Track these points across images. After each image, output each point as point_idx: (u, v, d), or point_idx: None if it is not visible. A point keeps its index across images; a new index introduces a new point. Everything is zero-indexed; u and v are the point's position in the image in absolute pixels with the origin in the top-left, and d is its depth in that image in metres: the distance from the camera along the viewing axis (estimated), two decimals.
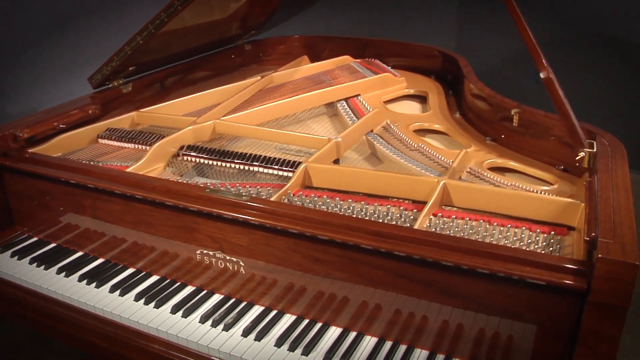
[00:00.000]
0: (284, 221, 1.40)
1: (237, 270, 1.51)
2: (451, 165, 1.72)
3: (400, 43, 2.84)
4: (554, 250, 1.35)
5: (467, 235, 1.42)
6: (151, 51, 2.19)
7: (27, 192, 1.81)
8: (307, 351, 1.35)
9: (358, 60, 2.76)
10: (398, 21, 4.21)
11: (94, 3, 3.17)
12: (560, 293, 1.18)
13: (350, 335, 1.41)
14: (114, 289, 1.59)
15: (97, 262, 1.73)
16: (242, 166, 1.80)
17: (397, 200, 1.61)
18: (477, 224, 1.46)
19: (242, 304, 1.52)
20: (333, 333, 1.42)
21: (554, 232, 1.42)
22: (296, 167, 1.69)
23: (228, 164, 1.82)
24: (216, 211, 1.46)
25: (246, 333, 1.41)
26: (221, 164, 1.83)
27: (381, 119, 2.14)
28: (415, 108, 2.46)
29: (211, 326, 1.45)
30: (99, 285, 1.62)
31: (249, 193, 1.62)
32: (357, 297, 1.38)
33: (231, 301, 1.53)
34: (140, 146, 1.97)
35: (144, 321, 1.48)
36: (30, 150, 1.84)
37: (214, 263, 1.54)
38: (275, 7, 2.75)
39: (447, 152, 1.89)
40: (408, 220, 1.48)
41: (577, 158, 1.57)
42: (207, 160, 1.85)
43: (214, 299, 1.55)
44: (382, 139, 1.98)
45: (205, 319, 1.47)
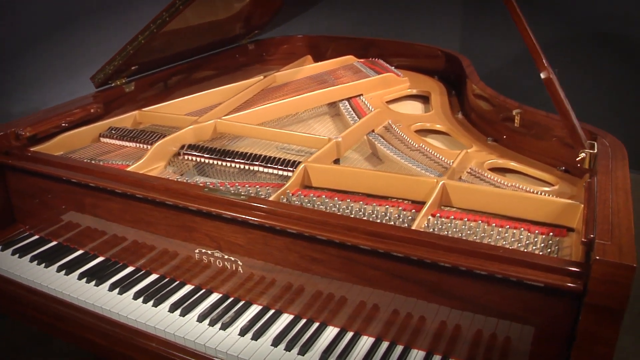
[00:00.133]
0: (281, 221, 1.39)
1: (235, 269, 1.51)
2: (451, 165, 1.71)
3: (404, 43, 2.83)
4: (552, 251, 1.34)
5: (465, 236, 1.41)
6: (153, 50, 2.20)
7: (28, 191, 1.82)
8: (303, 351, 1.35)
9: (361, 60, 2.75)
10: (402, 22, 4.20)
11: (96, 3, 3.18)
12: (556, 295, 1.17)
13: (347, 335, 1.40)
14: (113, 287, 1.60)
15: (97, 260, 1.73)
16: (242, 165, 1.80)
17: (396, 200, 1.60)
18: (475, 224, 1.46)
19: (240, 303, 1.52)
20: (330, 333, 1.41)
21: (552, 234, 1.41)
22: (296, 167, 1.69)
23: (228, 163, 1.82)
24: (214, 210, 1.46)
25: (243, 332, 1.41)
26: (221, 163, 1.84)
27: (383, 119, 2.13)
28: (417, 108, 2.45)
29: (209, 325, 1.45)
30: (99, 284, 1.62)
31: (247, 192, 1.62)
32: (354, 297, 1.38)
33: (229, 300, 1.53)
34: (142, 145, 1.98)
35: (142, 319, 1.48)
36: (33, 149, 1.85)
37: (212, 262, 1.54)
38: (278, 7, 2.74)
39: (448, 153, 1.88)
40: (406, 220, 1.48)
41: (578, 159, 1.57)
42: (207, 160, 1.86)
43: (212, 297, 1.55)
44: (383, 139, 1.98)
45: (202, 317, 1.47)
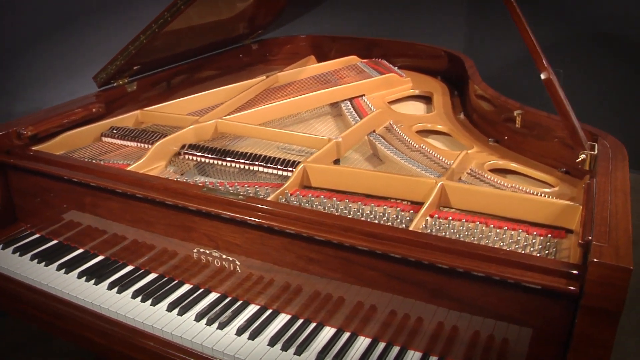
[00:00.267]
0: (278, 221, 1.39)
1: (233, 269, 1.51)
2: (450, 166, 1.70)
3: (407, 43, 2.83)
4: (550, 253, 1.33)
5: (462, 237, 1.40)
6: (156, 50, 2.20)
7: (29, 190, 1.83)
8: (299, 351, 1.35)
9: (365, 61, 2.75)
10: (407, 24, 4.20)
11: (96, 3, 3.19)
12: (553, 297, 1.16)
13: (344, 336, 1.40)
14: (112, 286, 1.61)
15: (97, 259, 1.74)
16: (242, 165, 1.80)
17: (394, 201, 1.60)
18: (473, 225, 1.45)
19: (238, 303, 1.52)
20: (327, 333, 1.41)
21: (551, 235, 1.40)
22: (295, 167, 1.69)
23: (228, 163, 1.83)
24: (211, 210, 1.46)
25: (240, 332, 1.41)
26: (222, 163, 1.84)
27: (384, 119, 2.13)
28: (420, 109, 2.45)
29: (206, 324, 1.45)
30: (98, 282, 1.63)
31: (246, 192, 1.62)
32: (351, 297, 1.38)
33: (227, 300, 1.54)
34: (143, 145, 1.98)
35: (140, 318, 1.49)
36: (34, 148, 1.86)
37: (210, 261, 1.54)
38: (282, 7, 2.75)
39: (449, 153, 1.87)
40: (404, 221, 1.47)
41: (578, 160, 1.56)
42: (207, 159, 1.86)
43: (210, 297, 1.55)
44: (384, 139, 1.97)
45: (200, 317, 1.47)
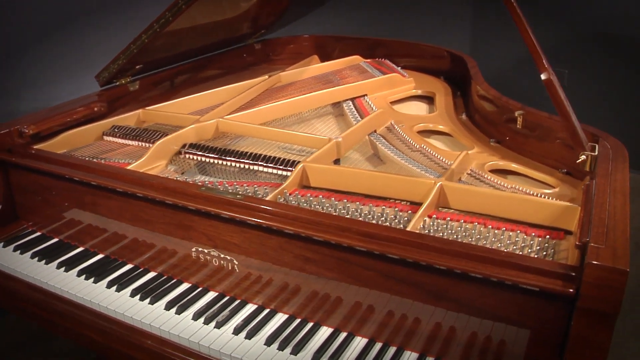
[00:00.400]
0: (275, 220, 1.39)
1: (231, 268, 1.52)
2: (450, 166, 1.70)
3: (410, 43, 2.82)
4: (548, 254, 1.33)
5: (460, 237, 1.39)
6: (158, 50, 2.21)
7: (31, 188, 1.84)
8: (296, 350, 1.35)
9: (368, 60, 2.75)
10: (411, 24, 4.19)
11: (96, 3, 3.20)
12: (550, 298, 1.16)
13: (341, 336, 1.40)
14: (111, 284, 1.61)
15: (96, 257, 1.74)
16: (242, 165, 1.81)
17: (393, 201, 1.60)
18: (471, 226, 1.44)
19: (235, 302, 1.52)
20: (324, 333, 1.41)
21: (549, 236, 1.39)
22: (294, 167, 1.69)
23: (228, 162, 1.83)
24: (210, 209, 1.46)
25: (237, 331, 1.41)
26: (222, 162, 1.84)
27: (385, 119, 2.12)
28: (422, 109, 2.44)
29: (203, 323, 1.45)
30: (97, 281, 1.63)
31: (246, 192, 1.62)
32: (349, 297, 1.37)
33: (225, 299, 1.54)
34: (144, 144, 1.99)
35: (138, 317, 1.49)
36: (36, 147, 1.87)
37: (208, 261, 1.54)
38: (285, 7, 2.75)
39: (449, 154, 1.87)
40: (402, 221, 1.47)
41: (578, 161, 1.55)
42: (208, 159, 1.86)
43: (208, 296, 1.56)
44: (385, 139, 1.97)
45: (198, 316, 1.47)
